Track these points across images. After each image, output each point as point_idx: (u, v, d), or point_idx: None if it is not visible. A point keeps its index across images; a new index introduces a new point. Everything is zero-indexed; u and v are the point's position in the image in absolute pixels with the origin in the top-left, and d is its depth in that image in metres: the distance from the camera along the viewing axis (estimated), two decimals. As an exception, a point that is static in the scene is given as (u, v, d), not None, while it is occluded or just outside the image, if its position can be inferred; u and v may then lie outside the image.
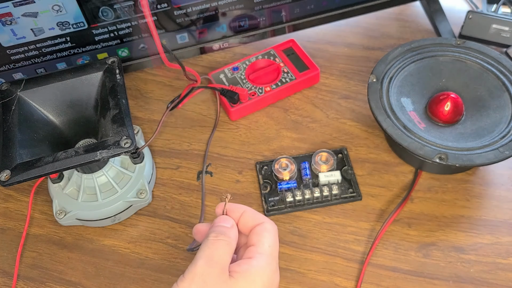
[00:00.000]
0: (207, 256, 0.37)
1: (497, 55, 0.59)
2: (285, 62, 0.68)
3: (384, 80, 0.58)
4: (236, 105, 0.64)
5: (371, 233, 0.54)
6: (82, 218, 0.55)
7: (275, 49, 0.69)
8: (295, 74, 0.67)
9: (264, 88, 0.65)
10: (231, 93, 0.63)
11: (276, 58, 0.68)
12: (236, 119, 0.65)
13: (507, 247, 0.52)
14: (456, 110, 0.56)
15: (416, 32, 0.74)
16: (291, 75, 0.66)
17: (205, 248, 0.38)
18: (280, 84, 0.66)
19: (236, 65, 0.68)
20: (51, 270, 0.55)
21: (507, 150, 0.51)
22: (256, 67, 0.68)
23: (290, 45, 0.70)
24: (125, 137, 0.48)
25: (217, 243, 0.38)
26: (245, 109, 0.65)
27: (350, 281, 0.51)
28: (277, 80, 0.66)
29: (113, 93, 0.52)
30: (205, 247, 0.38)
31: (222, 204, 0.42)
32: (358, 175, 0.59)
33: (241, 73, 0.67)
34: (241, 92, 0.63)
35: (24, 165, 0.47)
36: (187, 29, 0.66)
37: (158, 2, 0.61)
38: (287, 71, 0.67)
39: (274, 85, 0.66)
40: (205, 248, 0.38)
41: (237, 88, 0.64)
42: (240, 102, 0.64)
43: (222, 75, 0.67)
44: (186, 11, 0.64)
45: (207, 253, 0.37)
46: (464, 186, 0.57)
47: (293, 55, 0.69)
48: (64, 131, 0.55)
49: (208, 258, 0.37)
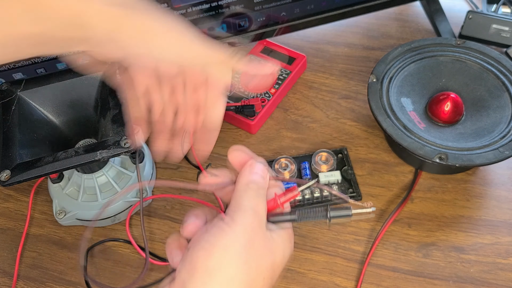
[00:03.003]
0: (254, 208, 0.36)
1: (497, 55, 0.59)
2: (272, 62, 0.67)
3: (384, 80, 0.58)
4: (255, 117, 0.63)
5: (371, 233, 0.54)
6: (82, 218, 0.55)
7: (253, 53, 0.69)
8: (287, 68, 0.67)
9: (270, 91, 0.66)
10: (248, 107, 0.63)
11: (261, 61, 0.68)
12: (256, 132, 0.65)
13: (507, 247, 0.52)
14: (456, 110, 0.56)
15: (416, 32, 0.74)
16: (284, 70, 0.67)
17: (250, 199, 0.36)
18: (281, 82, 0.66)
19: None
20: (51, 270, 0.55)
21: (507, 150, 0.51)
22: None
23: (264, 44, 0.70)
24: (125, 137, 0.48)
25: (260, 196, 0.37)
26: (263, 117, 0.65)
27: (350, 281, 0.51)
28: (276, 80, 0.66)
29: (113, 93, 0.52)
30: (249, 197, 0.36)
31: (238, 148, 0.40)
32: (358, 175, 0.59)
33: (238, 87, 0.66)
34: (256, 103, 0.63)
35: (24, 165, 0.47)
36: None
37: (158, 2, 0.61)
38: (280, 68, 0.67)
39: (276, 85, 0.66)
40: (250, 198, 0.36)
41: (250, 100, 0.64)
42: (257, 112, 0.64)
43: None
44: (186, 11, 0.64)
45: (253, 204, 0.36)
46: (464, 186, 0.57)
47: (272, 52, 0.69)
48: (64, 131, 0.55)
49: (255, 210, 0.36)
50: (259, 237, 0.35)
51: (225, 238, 0.34)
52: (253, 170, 0.39)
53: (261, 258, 0.35)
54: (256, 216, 0.36)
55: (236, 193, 0.37)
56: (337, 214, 0.37)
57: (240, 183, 0.38)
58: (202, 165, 0.61)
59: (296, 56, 0.69)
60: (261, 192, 0.37)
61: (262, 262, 0.35)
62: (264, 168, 0.39)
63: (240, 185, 0.38)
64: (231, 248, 0.33)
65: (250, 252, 0.34)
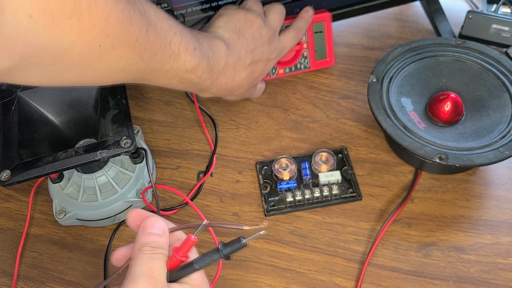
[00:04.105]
0: (147, 274, 0.35)
1: (497, 55, 0.59)
2: (309, 43, 0.66)
3: (384, 80, 0.58)
4: None
5: (371, 233, 0.54)
6: (82, 218, 0.55)
7: None
8: (311, 61, 0.67)
9: (278, 70, 0.66)
10: None
11: (304, 34, 0.65)
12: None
13: (507, 247, 0.52)
14: (456, 110, 0.56)
15: (416, 32, 0.74)
16: (307, 62, 0.67)
17: (143, 264, 0.35)
18: (294, 69, 0.67)
19: None
20: (51, 270, 0.55)
21: (507, 150, 0.51)
22: None
23: (323, 19, 0.66)
24: (125, 137, 0.48)
25: (154, 258, 0.36)
26: None
27: (350, 281, 0.51)
28: (294, 63, 0.66)
29: (113, 93, 0.52)
30: (142, 262, 0.35)
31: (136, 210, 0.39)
32: (358, 175, 0.59)
33: None
34: None
35: (24, 165, 0.47)
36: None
37: (158, 2, 0.61)
38: (306, 56, 0.67)
39: (288, 68, 0.66)
40: (142, 263, 0.35)
41: None
42: None
43: None
44: (186, 11, 0.64)
45: (145, 270, 0.35)
46: (464, 186, 0.57)
47: (320, 33, 0.66)
48: (64, 131, 0.55)
49: (149, 275, 0.34)
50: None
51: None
52: (146, 230, 0.37)
53: None
54: (150, 282, 0.34)
55: (131, 260, 0.36)
56: (231, 250, 0.36)
57: (134, 249, 0.37)
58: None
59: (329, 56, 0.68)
60: (157, 252, 0.36)
61: None
62: (161, 222, 0.38)
63: (133, 251, 0.36)
64: None
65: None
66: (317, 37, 0.67)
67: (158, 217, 0.39)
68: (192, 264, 0.37)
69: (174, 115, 0.67)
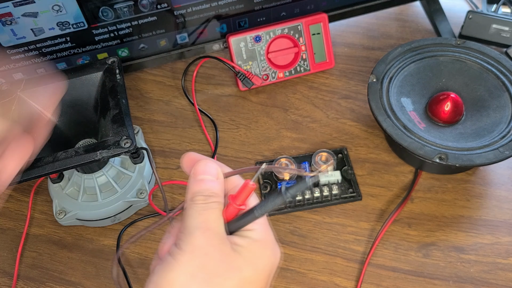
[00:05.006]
0: (202, 226, 0.31)
1: (497, 55, 0.59)
2: (307, 45, 0.66)
3: (384, 80, 0.58)
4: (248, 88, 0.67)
5: (371, 233, 0.54)
6: (82, 218, 0.55)
7: (303, 24, 0.66)
8: (311, 63, 0.67)
9: (278, 74, 0.67)
10: (247, 80, 0.66)
11: (301, 37, 0.66)
12: (243, 90, 0.69)
13: (507, 247, 0.52)
14: (456, 110, 0.56)
15: (416, 32, 0.74)
16: (307, 64, 0.67)
17: (196, 215, 0.31)
18: (294, 72, 0.67)
19: (260, 33, 0.65)
20: (51, 270, 0.55)
21: (507, 150, 0.51)
22: (278, 47, 0.67)
23: (320, 20, 0.66)
24: (125, 137, 0.48)
25: (209, 208, 0.32)
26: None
27: (350, 281, 0.51)
28: (293, 66, 0.67)
29: (113, 93, 0.52)
30: (195, 213, 0.32)
31: (188, 154, 0.35)
32: (358, 175, 0.59)
33: (262, 47, 0.66)
34: (256, 82, 0.67)
35: (24, 165, 0.47)
36: (187, 29, 0.66)
37: (158, 2, 0.61)
38: (305, 58, 0.67)
39: (287, 72, 0.67)
40: (195, 214, 0.32)
41: (254, 77, 0.66)
42: (253, 84, 0.66)
43: (243, 44, 0.65)
44: (186, 11, 0.64)
45: (200, 222, 0.31)
46: (464, 186, 0.57)
47: (318, 35, 0.66)
48: (64, 131, 0.55)
49: (204, 227, 0.31)
50: (215, 258, 0.30)
51: (171, 272, 0.30)
52: (197, 176, 0.33)
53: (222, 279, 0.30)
54: (207, 235, 0.31)
55: (184, 212, 0.33)
56: (295, 190, 0.31)
57: (186, 199, 0.33)
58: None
59: (328, 57, 0.69)
60: (212, 201, 0.32)
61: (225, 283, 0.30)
62: (214, 166, 0.34)
63: (186, 202, 0.33)
64: (176, 282, 0.30)
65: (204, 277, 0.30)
66: (315, 39, 0.67)
67: (210, 160, 0.34)
68: (252, 211, 0.32)
69: (174, 115, 0.67)
